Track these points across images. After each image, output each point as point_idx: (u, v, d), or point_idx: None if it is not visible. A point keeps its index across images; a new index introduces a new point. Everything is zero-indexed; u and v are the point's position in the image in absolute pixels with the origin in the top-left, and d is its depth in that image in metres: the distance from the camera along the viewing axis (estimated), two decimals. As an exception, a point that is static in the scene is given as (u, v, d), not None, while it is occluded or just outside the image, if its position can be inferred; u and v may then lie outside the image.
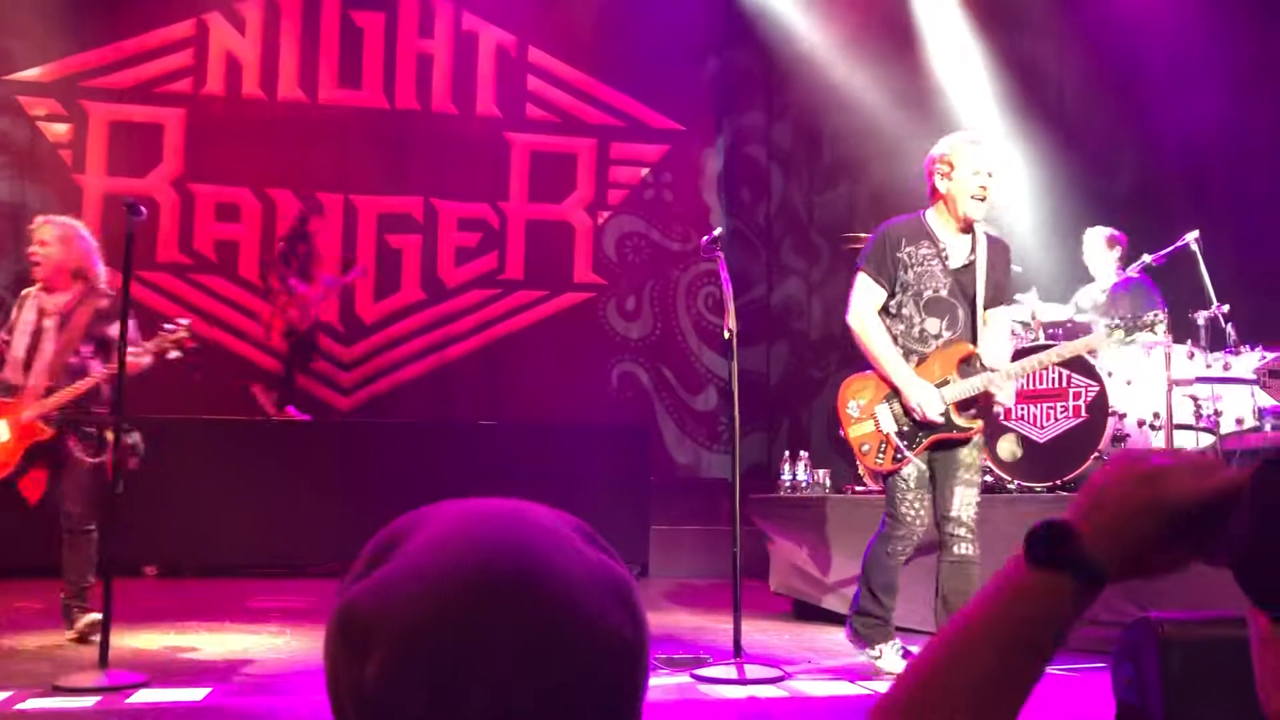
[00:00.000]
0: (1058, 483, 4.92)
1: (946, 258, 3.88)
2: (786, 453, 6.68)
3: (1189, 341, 5.43)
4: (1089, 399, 4.94)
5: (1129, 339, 3.81)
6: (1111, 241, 6.25)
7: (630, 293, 9.20)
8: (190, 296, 8.54)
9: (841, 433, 3.93)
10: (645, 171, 9.33)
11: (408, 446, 7.33)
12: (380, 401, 8.67)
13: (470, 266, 8.97)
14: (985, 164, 3.84)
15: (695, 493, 8.23)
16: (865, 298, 3.91)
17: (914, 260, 3.86)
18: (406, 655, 0.67)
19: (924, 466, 3.83)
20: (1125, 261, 6.21)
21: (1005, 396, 3.82)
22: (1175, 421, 5.00)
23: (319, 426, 7.77)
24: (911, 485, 3.80)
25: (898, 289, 3.88)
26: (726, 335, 4.21)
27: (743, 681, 3.68)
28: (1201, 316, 5.55)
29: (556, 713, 0.67)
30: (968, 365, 3.83)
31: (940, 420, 3.75)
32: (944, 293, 3.85)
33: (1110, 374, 4.97)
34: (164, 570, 6.89)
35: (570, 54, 9.14)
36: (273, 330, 7.95)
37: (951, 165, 3.85)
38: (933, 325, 3.84)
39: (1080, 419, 4.95)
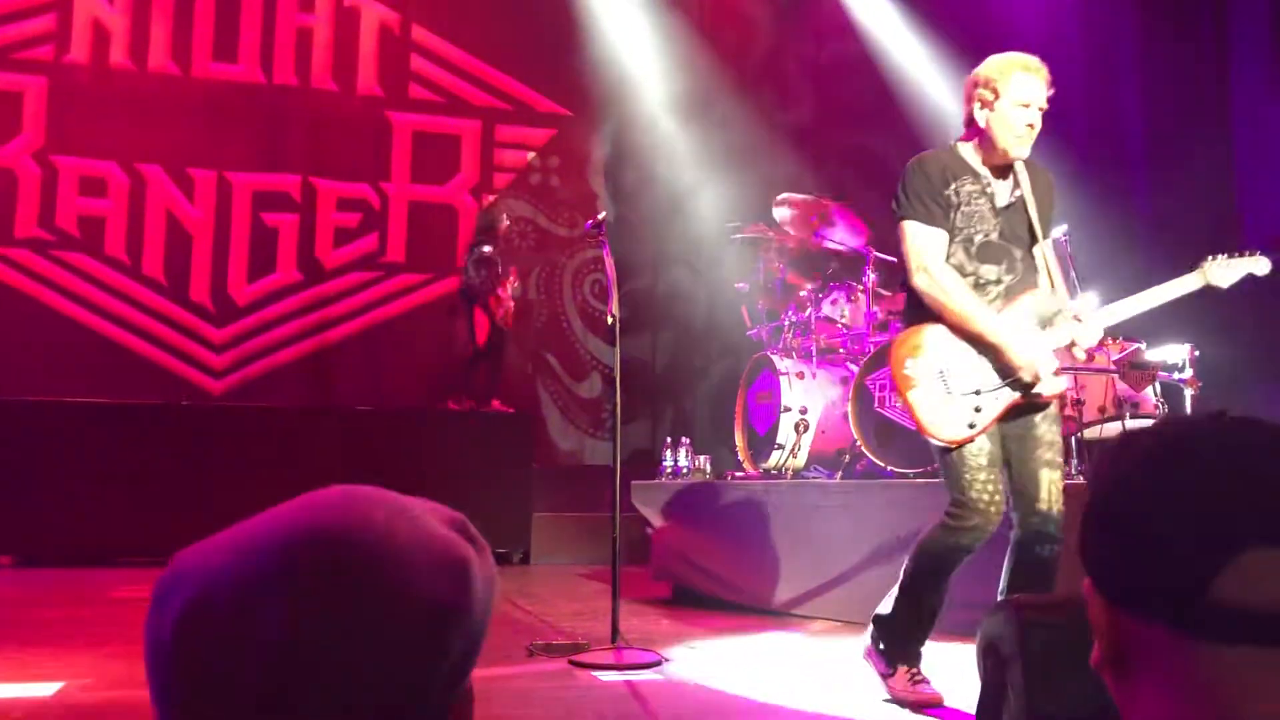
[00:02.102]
0: (928, 469, 5.05)
1: (993, 195, 3.25)
2: (668, 439, 6.72)
3: (1054, 333, 5.62)
4: (959, 388, 5.08)
5: (1227, 283, 3.22)
6: None
7: (516, 278, 9.12)
8: (52, 274, 8.16)
9: (897, 400, 3.23)
10: (531, 156, 9.26)
11: (283, 432, 7.14)
12: (254, 385, 8.43)
13: (350, 248, 8.78)
14: (1037, 95, 3.21)
15: (578, 480, 8.23)
16: (926, 247, 3.18)
17: (961, 198, 3.22)
18: (202, 601, 0.68)
19: (996, 440, 3.15)
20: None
21: (1090, 337, 3.17)
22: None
23: (190, 410, 7.50)
24: (984, 461, 3.09)
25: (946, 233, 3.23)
26: (610, 321, 4.20)
27: (620, 667, 3.69)
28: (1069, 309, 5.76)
29: (348, 667, 0.68)
30: (1047, 315, 3.22)
31: (1039, 379, 3.08)
32: (995, 237, 3.22)
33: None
34: (21, 559, 6.58)
35: (456, 34, 9.00)
36: (478, 329, 7.90)
37: (996, 93, 3.20)
38: (989, 271, 3.20)
39: (951, 407, 5.08)
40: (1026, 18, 8.33)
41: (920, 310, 3.22)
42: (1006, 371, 3.09)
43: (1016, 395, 3.12)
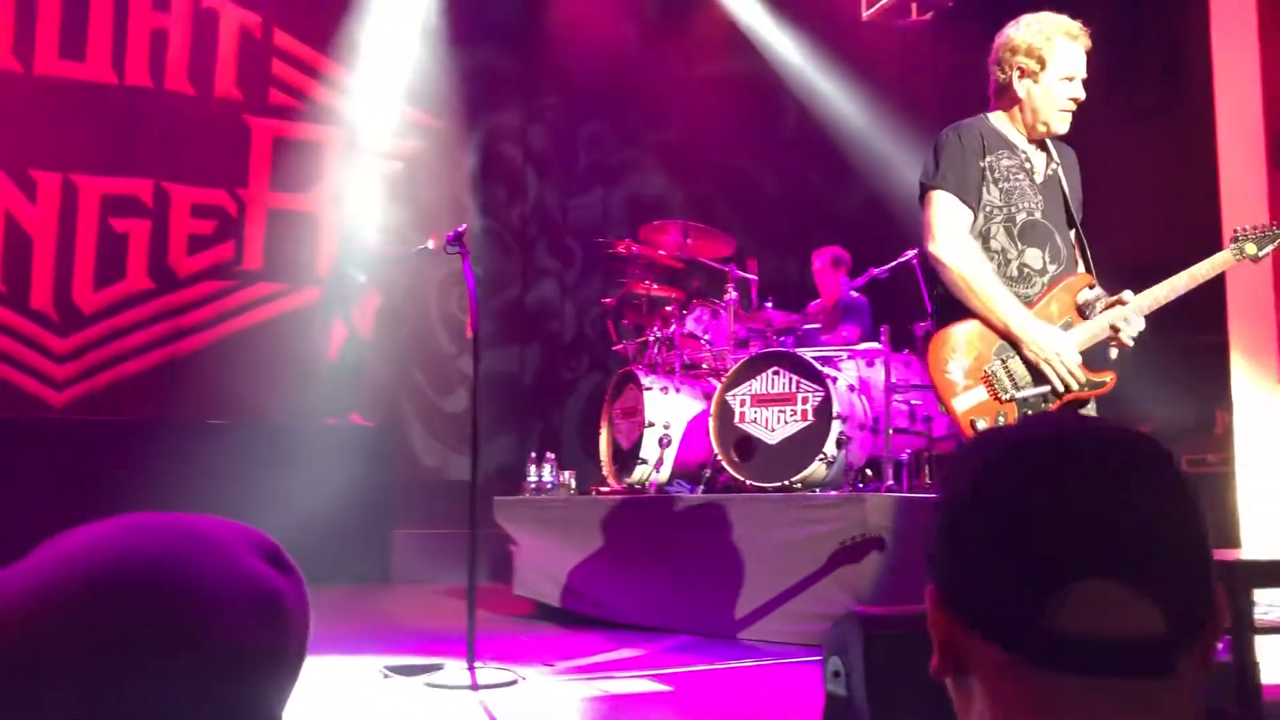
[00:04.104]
0: (785, 483, 5.14)
1: (1031, 170, 3.01)
2: (533, 454, 6.68)
3: (906, 350, 5.81)
4: (815, 404, 5.20)
5: (1261, 252, 2.95)
6: (836, 260, 6.74)
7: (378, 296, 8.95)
8: (-124, 279, 7.66)
9: (942, 407, 2.92)
10: (398, 165, 9.11)
11: (128, 446, 6.85)
12: (100, 397, 8.04)
13: (204, 255, 8.48)
14: (1080, 65, 2.96)
15: (442, 496, 8.10)
16: (952, 217, 2.92)
17: (998, 172, 2.96)
18: None
19: None
20: (850, 274, 6.67)
21: (1133, 331, 2.90)
22: (894, 426, 5.32)
23: (26, 424, 7.12)
24: None
25: (979, 211, 2.96)
26: (469, 335, 4.16)
27: (475, 687, 3.64)
28: (920, 328, 5.96)
29: (148, 714, 0.65)
30: (1088, 302, 2.96)
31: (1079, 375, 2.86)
32: (1038, 215, 2.96)
33: (835, 380, 5.25)
34: None
35: (319, 40, 8.81)
36: (334, 341, 7.81)
37: (1042, 63, 2.94)
38: (1034, 258, 2.94)
39: (807, 422, 5.20)
40: (888, 41, 8.62)
41: (954, 307, 2.92)
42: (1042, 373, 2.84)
43: (1068, 393, 2.86)
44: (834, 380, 5.23)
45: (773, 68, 9.17)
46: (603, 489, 6.11)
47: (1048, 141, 3.07)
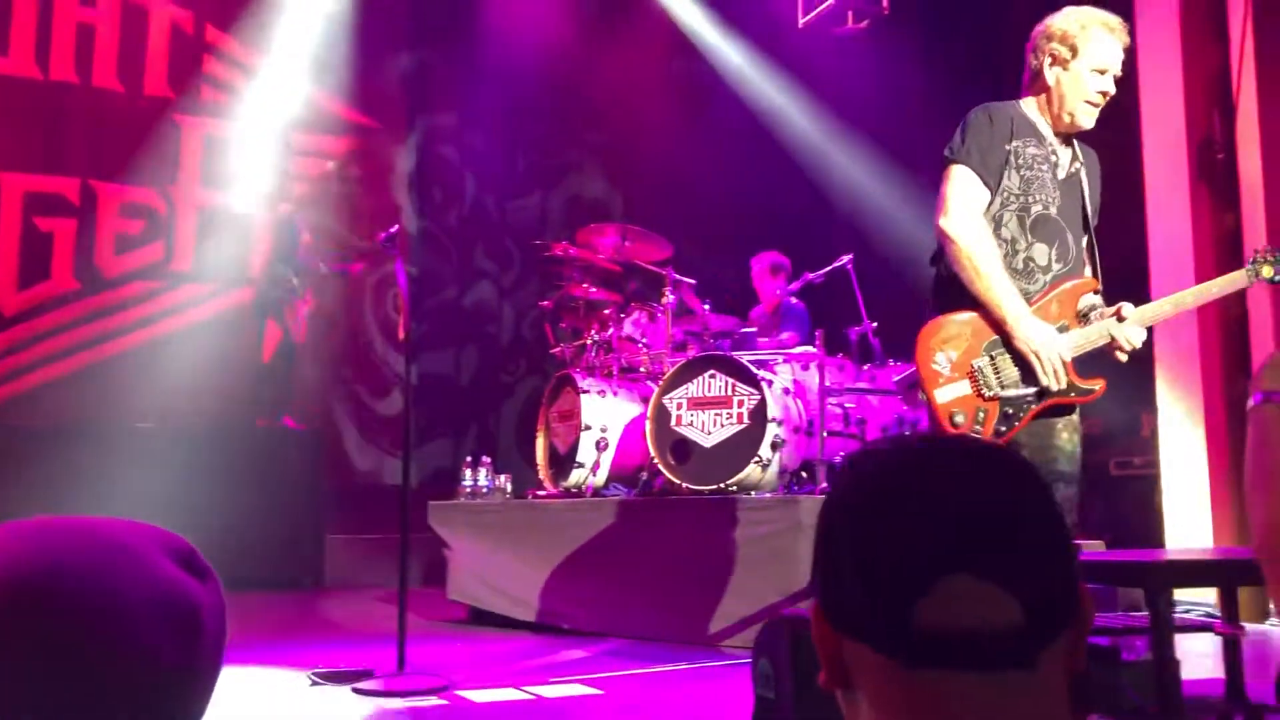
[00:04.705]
0: (721, 486, 5.15)
1: (1055, 164, 2.93)
2: (469, 458, 6.62)
3: (840, 354, 5.85)
4: (751, 407, 5.21)
5: (1277, 276, 2.84)
6: (775, 267, 6.79)
7: (311, 302, 8.83)
8: None
9: (923, 395, 2.87)
10: (332, 165, 9.00)
11: (53, 452, 6.66)
12: (22, 401, 7.84)
13: (133, 256, 8.31)
14: (1114, 60, 2.88)
15: (376, 500, 8.03)
16: (968, 195, 2.84)
17: (1022, 159, 2.88)
18: None
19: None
20: (789, 280, 6.72)
21: (1137, 336, 2.83)
22: (828, 429, 5.36)
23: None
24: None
25: (996, 196, 2.87)
26: (402, 337, 4.12)
27: (404, 693, 3.59)
28: (854, 332, 6.02)
29: None
30: (1090, 307, 2.89)
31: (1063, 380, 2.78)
32: (1053, 210, 2.89)
33: (770, 383, 5.27)
34: None
35: (252, 38, 8.67)
36: (267, 342, 7.74)
37: (1074, 51, 2.87)
38: (1040, 253, 2.87)
39: (743, 425, 5.21)
40: (825, 47, 8.68)
41: (953, 293, 2.84)
42: (1034, 374, 2.77)
43: (1051, 396, 2.78)
44: (769, 383, 5.24)
45: (712, 71, 9.21)
46: (539, 493, 6.07)
47: (1074, 141, 3.00)
